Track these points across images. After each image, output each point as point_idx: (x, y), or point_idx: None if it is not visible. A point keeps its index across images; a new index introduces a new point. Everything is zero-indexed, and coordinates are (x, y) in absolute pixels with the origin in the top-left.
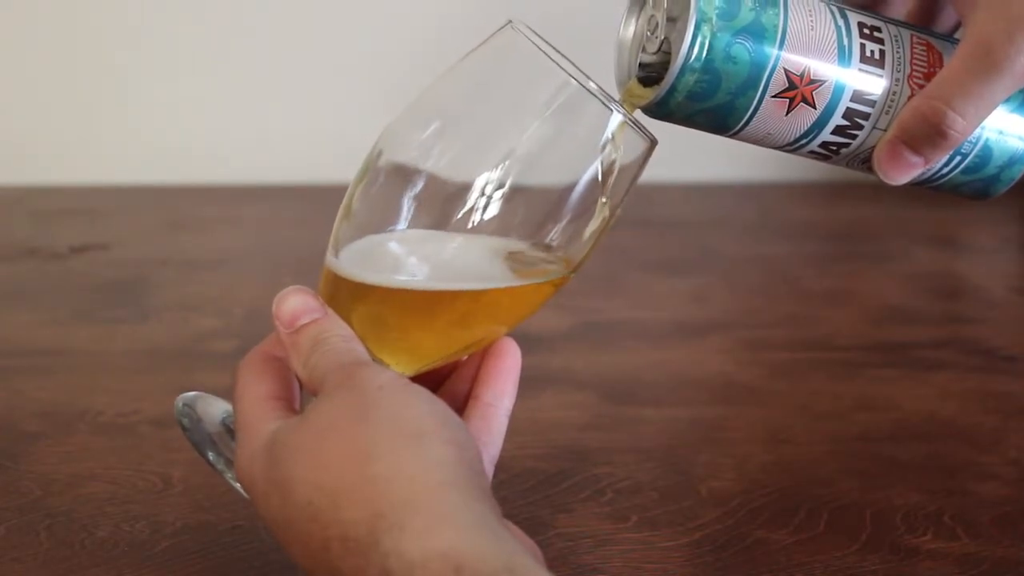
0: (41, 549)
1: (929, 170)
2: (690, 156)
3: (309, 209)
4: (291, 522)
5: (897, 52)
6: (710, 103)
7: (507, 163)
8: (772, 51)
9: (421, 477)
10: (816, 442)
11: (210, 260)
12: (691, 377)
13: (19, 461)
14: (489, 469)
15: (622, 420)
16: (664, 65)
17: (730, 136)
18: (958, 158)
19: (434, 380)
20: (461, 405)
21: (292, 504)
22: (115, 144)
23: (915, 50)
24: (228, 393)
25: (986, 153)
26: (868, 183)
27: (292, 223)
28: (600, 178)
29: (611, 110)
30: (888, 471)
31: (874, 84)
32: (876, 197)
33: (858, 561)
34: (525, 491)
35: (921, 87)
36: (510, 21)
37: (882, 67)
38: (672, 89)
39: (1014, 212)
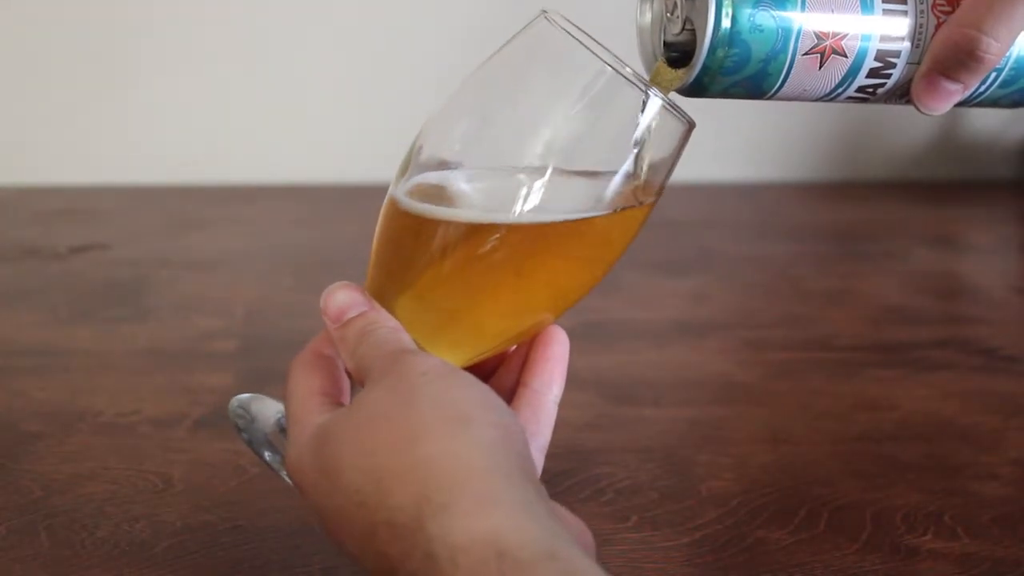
0: (41, 549)
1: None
2: (690, 156)
3: (309, 209)
4: (339, 510)
5: None
6: (743, 74)
7: (547, 152)
8: (796, 12)
9: (465, 461)
10: (816, 442)
11: (210, 260)
12: (691, 377)
13: (19, 461)
14: (539, 458)
15: (622, 420)
16: (690, 43)
17: (767, 99)
18: (993, 74)
19: (482, 373)
20: (509, 397)
21: (340, 491)
22: (115, 144)
23: None
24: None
25: (1020, 64)
26: (868, 183)
27: (292, 223)
28: (636, 165)
29: (648, 95)
30: (888, 471)
31: (900, 22)
32: (876, 197)
33: (858, 561)
34: None
35: (946, 13)
36: (544, 11)
37: (905, 3)
38: (704, 68)
39: (1014, 212)
